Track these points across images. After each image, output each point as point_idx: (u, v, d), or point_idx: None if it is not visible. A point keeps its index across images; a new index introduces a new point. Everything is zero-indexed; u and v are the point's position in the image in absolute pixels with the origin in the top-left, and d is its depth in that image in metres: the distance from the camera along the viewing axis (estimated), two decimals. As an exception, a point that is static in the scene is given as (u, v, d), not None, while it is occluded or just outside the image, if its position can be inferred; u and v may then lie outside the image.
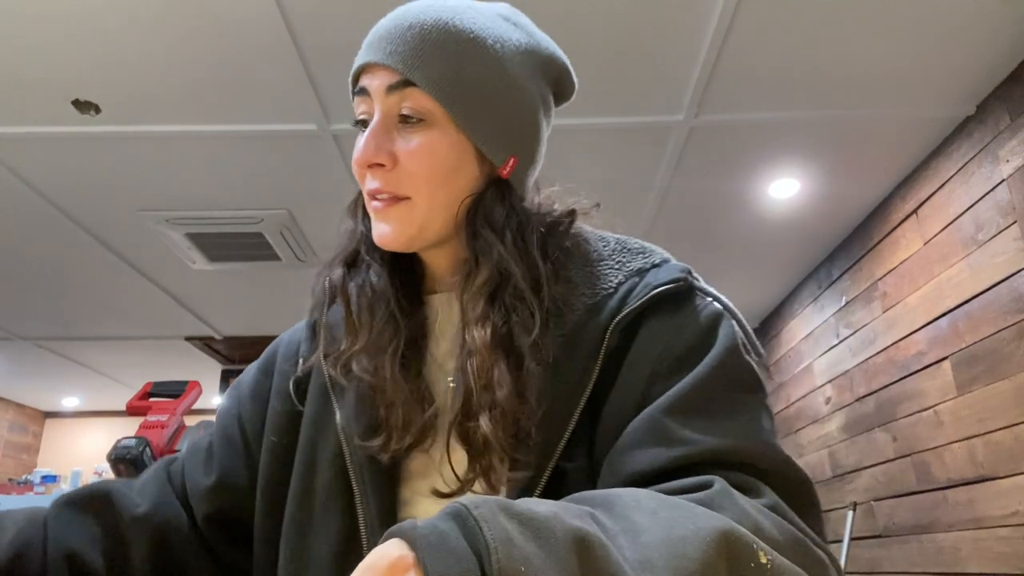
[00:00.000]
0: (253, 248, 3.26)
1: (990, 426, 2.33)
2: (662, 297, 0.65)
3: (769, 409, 0.64)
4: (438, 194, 0.67)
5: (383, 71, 0.67)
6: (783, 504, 0.54)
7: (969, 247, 2.44)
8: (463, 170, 0.68)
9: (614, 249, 0.72)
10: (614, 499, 0.47)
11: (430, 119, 0.66)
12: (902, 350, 2.88)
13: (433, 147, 0.66)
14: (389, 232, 0.68)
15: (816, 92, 2.30)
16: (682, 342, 0.63)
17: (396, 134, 0.67)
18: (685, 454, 0.56)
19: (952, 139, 2.54)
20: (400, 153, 0.66)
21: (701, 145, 2.58)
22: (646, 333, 0.65)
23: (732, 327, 0.65)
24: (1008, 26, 2.04)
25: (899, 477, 2.90)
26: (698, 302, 0.67)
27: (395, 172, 0.67)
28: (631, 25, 2.02)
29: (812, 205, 3.02)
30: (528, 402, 0.62)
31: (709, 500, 0.49)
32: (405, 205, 0.67)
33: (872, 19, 1.99)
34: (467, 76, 0.67)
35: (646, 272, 0.68)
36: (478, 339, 0.64)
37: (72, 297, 3.87)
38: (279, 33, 1.98)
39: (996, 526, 2.31)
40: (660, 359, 0.63)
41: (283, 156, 2.59)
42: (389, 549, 0.39)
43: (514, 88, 0.69)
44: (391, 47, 0.67)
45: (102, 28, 1.96)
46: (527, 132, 0.72)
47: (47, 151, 2.51)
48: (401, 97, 0.66)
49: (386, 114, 0.67)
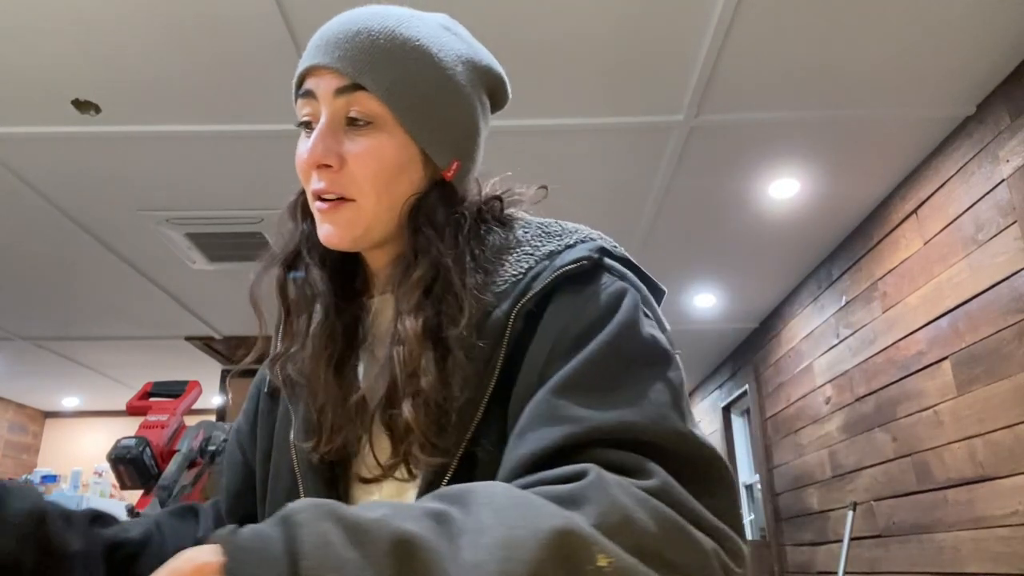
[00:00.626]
0: (253, 248, 3.26)
1: (990, 426, 2.33)
2: (568, 278, 0.65)
3: (672, 382, 0.60)
4: (383, 196, 0.69)
5: (331, 74, 0.69)
6: (673, 485, 0.51)
7: (969, 247, 2.44)
8: (408, 172, 0.70)
9: (534, 234, 0.72)
10: (470, 496, 0.46)
11: (378, 122, 0.68)
12: (902, 350, 2.88)
13: (381, 150, 0.68)
14: (335, 233, 0.69)
15: (816, 92, 2.30)
16: (581, 322, 0.62)
17: (343, 136, 0.69)
18: (571, 432, 0.54)
19: (952, 139, 2.54)
20: (348, 155, 0.68)
21: (701, 145, 2.58)
22: (549, 315, 0.64)
23: (634, 303, 0.64)
24: (1008, 26, 2.04)
25: (899, 477, 2.90)
26: (604, 280, 0.65)
27: (342, 174, 0.68)
28: (631, 25, 2.02)
29: (812, 205, 3.02)
30: (451, 390, 0.63)
31: (575, 494, 0.47)
32: (351, 207, 0.69)
33: (872, 19, 2.00)
34: (414, 82, 0.69)
35: (557, 255, 0.67)
36: (409, 328, 0.65)
37: (72, 297, 3.87)
38: (279, 33, 1.98)
39: (996, 526, 2.31)
40: (558, 340, 0.62)
41: (283, 156, 2.58)
42: (199, 554, 0.39)
43: (457, 95, 0.72)
44: (339, 51, 0.68)
45: (102, 28, 1.96)
46: (469, 137, 0.74)
47: (47, 151, 2.51)
48: (349, 101, 0.68)
49: (333, 116, 0.69)
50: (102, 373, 5.47)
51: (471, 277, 0.67)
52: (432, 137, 0.71)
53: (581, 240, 0.69)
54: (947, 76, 2.24)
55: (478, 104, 0.75)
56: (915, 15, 1.98)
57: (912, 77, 2.24)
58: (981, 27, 2.04)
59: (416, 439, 0.63)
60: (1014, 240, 2.22)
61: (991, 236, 2.33)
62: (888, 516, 2.99)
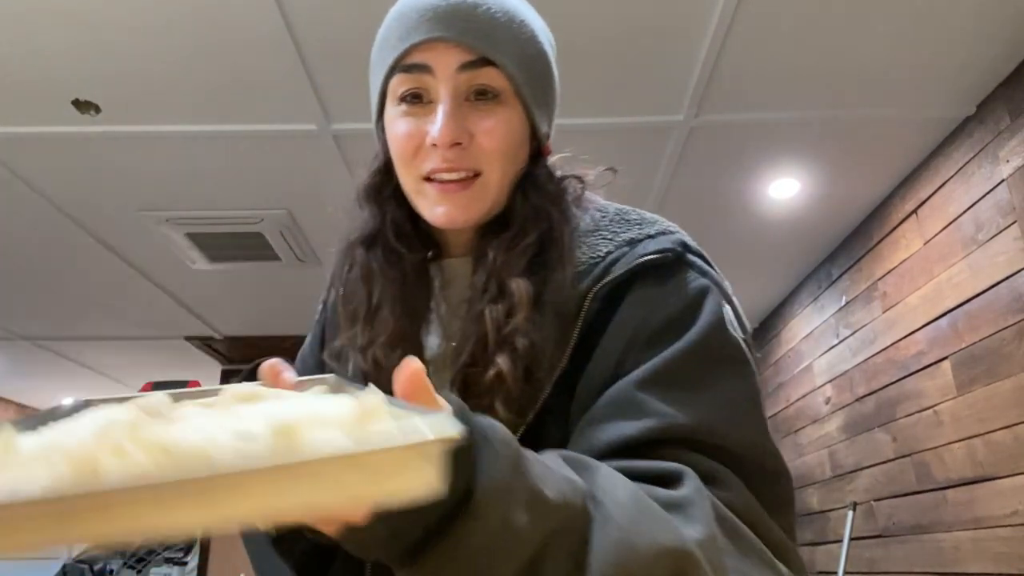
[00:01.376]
0: (253, 248, 3.26)
1: (990, 426, 2.33)
2: (647, 267, 0.64)
3: (754, 390, 0.61)
4: (508, 169, 0.69)
5: (453, 48, 0.67)
6: (752, 504, 0.52)
7: (969, 247, 2.44)
8: (523, 147, 0.72)
9: (611, 219, 0.72)
10: (596, 477, 0.47)
11: (502, 96, 0.68)
12: (902, 350, 2.88)
13: (509, 123, 0.69)
14: (460, 210, 0.68)
15: (816, 92, 2.30)
16: (662, 315, 0.61)
17: (467, 111, 0.68)
18: (653, 427, 0.54)
19: (952, 139, 2.54)
20: (476, 130, 0.67)
21: (701, 145, 2.58)
22: (627, 303, 0.63)
23: (719, 302, 0.63)
24: (1008, 26, 2.04)
25: (899, 477, 2.90)
26: (685, 276, 0.65)
27: (470, 149, 0.67)
28: (631, 25, 2.02)
29: (812, 205, 3.02)
30: (542, 354, 0.62)
31: (680, 502, 0.48)
32: (479, 182, 0.68)
33: (872, 19, 1.99)
34: (530, 58, 0.70)
35: (637, 243, 0.67)
36: (519, 290, 0.64)
37: (72, 297, 3.87)
38: (279, 33, 1.98)
39: (996, 526, 2.31)
40: (637, 330, 0.61)
41: (283, 156, 2.59)
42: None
43: (552, 72, 0.75)
44: (462, 24, 0.66)
45: (102, 28, 1.96)
46: (555, 109, 0.78)
47: (47, 151, 2.51)
48: (474, 75, 0.67)
49: (456, 91, 0.67)
50: (102, 373, 5.47)
51: (571, 250, 0.68)
52: (542, 112, 0.73)
53: (661, 231, 0.69)
54: (947, 76, 2.24)
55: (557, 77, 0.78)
56: (915, 15, 1.98)
57: (912, 77, 2.24)
58: (981, 27, 2.04)
59: (502, 393, 0.62)
60: (1014, 240, 2.22)
61: (991, 236, 2.33)
62: (888, 516, 2.99)
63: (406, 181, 0.71)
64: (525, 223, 0.69)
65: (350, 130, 2.42)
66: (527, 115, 0.71)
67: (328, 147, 2.52)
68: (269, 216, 2.99)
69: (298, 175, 2.71)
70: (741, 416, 0.57)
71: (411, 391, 0.39)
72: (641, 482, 0.49)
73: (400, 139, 0.69)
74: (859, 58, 2.15)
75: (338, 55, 2.07)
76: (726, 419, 0.56)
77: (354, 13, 1.90)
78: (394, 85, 0.71)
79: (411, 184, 0.71)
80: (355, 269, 0.74)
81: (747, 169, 2.75)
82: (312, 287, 3.97)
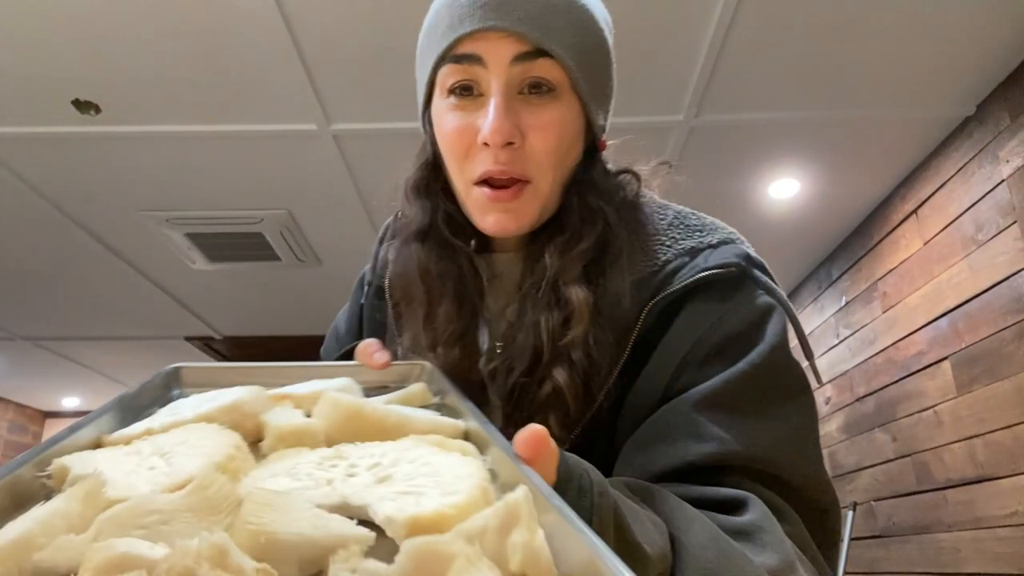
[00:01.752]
0: (253, 248, 3.26)
1: (990, 426, 2.33)
2: (709, 281, 0.60)
3: (812, 420, 0.58)
4: (558, 171, 0.65)
5: (508, 39, 0.61)
6: (805, 536, 0.51)
7: (969, 247, 2.44)
8: (577, 143, 0.67)
9: (671, 223, 0.67)
10: (673, 512, 0.46)
11: (558, 90, 0.63)
12: (902, 350, 2.88)
13: (563, 121, 0.63)
14: (511, 221, 0.64)
15: (816, 92, 2.30)
16: (721, 332, 0.58)
17: (518, 107, 0.62)
18: (715, 452, 0.52)
19: (952, 139, 2.54)
20: (529, 128, 0.62)
21: (701, 145, 2.58)
22: (684, 318, 0.60)
23: (783, 324, 0.60)
24: (1008, 26, 2.04)
25: (899, 477, 2.90)
26: (749, 292, 0.61)
27: (522, 150, 0.62)
28: (631, 25, 2.02)
29: (812, 205, 3.02)
30: (598, 366, 0.59)
31: (749, 529, 0.47)
32: (529, 190, 0.63)
33: (872, 20, 1.99)
34: (589, 48, 0.65)
35: (698, 252, 0.63)
36: (581, 297, 0.60)
37: (72, 297, 3.87)
38: (279, 33, 1.98)
39: (996, 526, 2.31)
40: (694, 347, 0.58)
41: (283, 156, 2.59)
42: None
43: (611, 62, 0.70)
44: (518, 13, 0.60)
45: (102, 28, 1.96)
46: (612, 100, 0.72)
47: (47, 151, 2.51)
48: (528, 68, 0.62)
49: (510, 86, 0.62)
50: (102, 373, 5.47)
51: (628, 256, 0.63)
52: (599, 106, 0.68)
53: (723, 240, 0.65)
54: (947, 76, 2.24)
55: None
56: (915, 15, 1.98)
57: (912, 77, 2.24)
58: (981, 27, 2.03)
59: (559, 410, 0.59)
60: (1014, 240, 2.22)
61: (991, 236, 2.33)
62: (888, 516, 2.99)
63: (457, 181, 0.67)
64: (581, 225, 0.65)
65: (350, 130, 2.42)
66: (583, 109, 0.66)
67: (328, 147, 2.52)
68: (269, 216, 2.99)
69: (298, 175, 2.71)
70: (800, 448, 0.55)
71: (535, 457, 0.39)
72: (705, 508, 0.48)
73: (450, 135, 0.65)
74: (859, 58, 2.15)
75: (338, 55, 2.07)
76: (785, 450, 0.54)
77: (354, 13, 1.90)
78: (443, 76, 0.65)
79: (461, 186, 0.67)
80: (411, 265, 0.70)
81: (747, 169, 2.75)
82: (312, 287, 3.98)
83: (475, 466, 0.40)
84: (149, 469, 0.39)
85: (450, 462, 0.41)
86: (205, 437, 0.45)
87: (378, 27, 1.97)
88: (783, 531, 0.49)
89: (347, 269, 3.35)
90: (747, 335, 0.58)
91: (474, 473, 0.39)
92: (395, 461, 0.42)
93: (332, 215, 2.95)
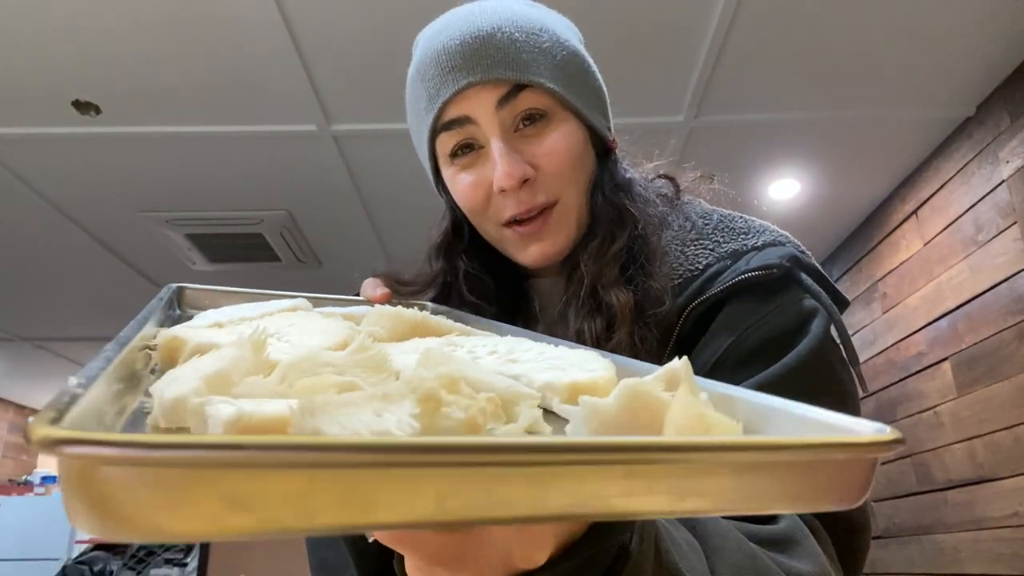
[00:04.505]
0: (253, 249, 3.26)
1: (990, 427, 2.33)
2: (749, 283, 0.58)
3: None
4: (580, 183, 0.66)
5: (485, 89, 0.63)
6: (832, 553, 0.49)
7: (969, 248, 2.44)
8: (588, 153, 0.68)
9: (715, 227, 0.67)
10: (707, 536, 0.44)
11: (550, 114, 0.65)
12: (902, 351, 2.88)
13: (567, 138, 0.65)
14: (550, 245, 0.65)
15: (816, 92, 2.30)
16: (759, 335, 0.56)
17: (519, 144, 0.64)
18: None
19: (952, 140, 2.54)
20: (537, 157, 0.64)
21: (701, 146, 2.58)
22: (722, 319, 0.58)
23: (825, 328, 0.57)
24: (1008, 26, 2.04)
25: (899, 478, 2.90)
26: (792, 295, 0.58)
27: (538, 181, 0.64)
28: (631, 25, 2.02)
29: (812, 205, 3.02)
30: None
31: (784, 539, 0.45)
32: (558, 209, 0.65)
33: (872, 20, 1.99)
34: (563, 63, 0.66)
35: (741, 255, 0.62)
36: (621, 300, 0.60)
37: (72, 297, 3.87)
38: (279, 33, 1.98)
39: (996, 527, 2.31)
40: (729, 349, 0.56)
41: (283, 156, 2.59)
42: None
43: (589, 65, 0.70)
44: (486, 61, 0.62)
45: (102, 28, 1.96)
46: (606, 98, 0.73)
47: (47, 151, 2.51)
48: (515, 105, 0.64)
49: (503, 128, 0.64)
50: (102, 373, 5.47)
51: (664, 255, 0.63)
52: (594, 111, 0.69)
53: (770, 243, 0.63)
54: (947, 76, 2.24)
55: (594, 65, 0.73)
56: (915, 15, 1.98)
57: (912, 77, 2.24)
58: (981, 27, 2.03)
59: None
60: (1014, 241, 2.22)
61: (991, 237, 2.33)
62: (888, 516, 2.99)
63: (487, 232, 0.69)
64: (611, 226, 0.65)
65: (350, 130, 2.42)
66: (580, 120, 0.67)
67: (328, 147, 2.52)
68: (269, 216, 2.98)
69: (298, 175, 2.71)
70: None
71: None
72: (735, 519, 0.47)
73: (466, 194, 0.66)
74: (859, 58, 2.15)
75: (338, 55, 2.07)
76: None
77: (354, 13, 1.90)
78: (441, 146, 0.67)
79: (493, 234, 0.68)
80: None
81: (747, 169, 2.75)
82: (312, 288, 3.96)
83: (593, 354, 0.41)
84: (269, 344, 0.39)
85: (569, 351, 0.42)
86: (313, 321, 0.46)
87: (378, 27, 1.97)
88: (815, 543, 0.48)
89: (347, 269, 3.36)
90: (785, 338, 0.56)
91: (598, 358, 0.40)
92: (511, 349, 0.43)
93: (332, 215, 2.95)
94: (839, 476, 0.26)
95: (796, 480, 0.26)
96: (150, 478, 0.19)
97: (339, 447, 0.20)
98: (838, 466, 0.26)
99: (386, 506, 0.21)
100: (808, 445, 0.25)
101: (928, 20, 2.00)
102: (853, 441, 0.26)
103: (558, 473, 0.22)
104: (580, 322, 0.62)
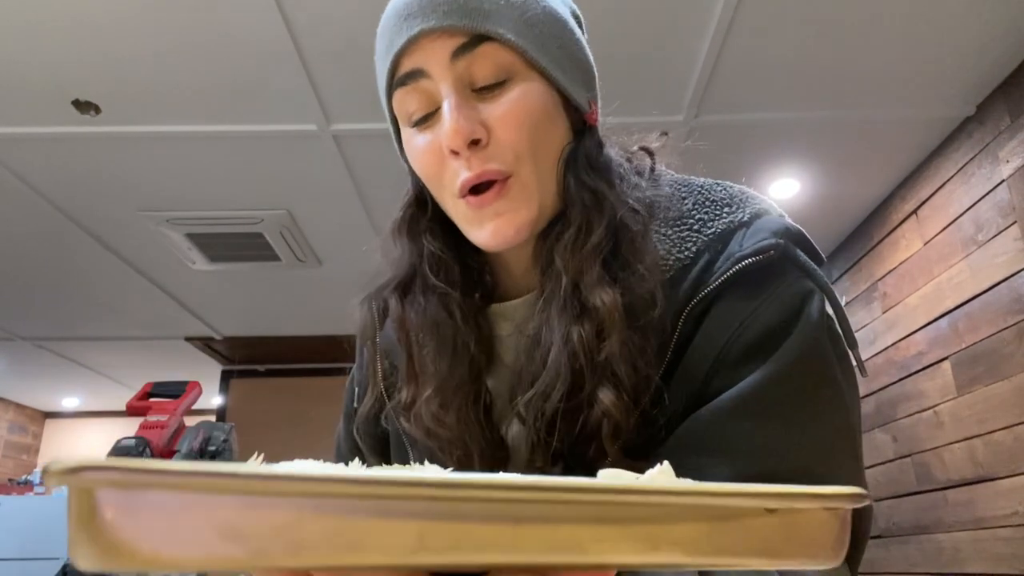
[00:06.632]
0: (253, 248, 3.26)
1: (990, 426, 2.33)
2: (745, 271, 0.54)
3: (854, 419, 0.54)
4: (540, 156, 0.58)
5: (440, 38, 0.56)
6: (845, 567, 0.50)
7: (969, 247, 2.44)
8: (555, 121, 0.60)
9: (696, 202, 0.61)
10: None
11: (512, 74, 0.57)
12: (902, 350, 2.88)
13: (527, 102, 0.57)
14: (508, 224, 0.57)
15: (816, 92, 2.30)
16: (758, 327, 0.53)
17: (476, 104, 0.57)
18: (751, 471, 0.49)
19: (952, 139, 2.54)
20: (492, 122, 0.56)
21: (701, 146, 2.57)
22: (717, 313, 0.54)
23: (820, 309, 0.54)
24: (1008, 26, 2.04)
25: (899, 477, 2.90)
26: (786, 278, 0.55)
27: (491, 147, 0.56)
28: (631, 25, 2.02)
29: (812, 205, 3.02)
30: (650, 379, 0.53)
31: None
32: (514, 183, 0.57)
33: (872, 19, 1.99)
34: (536, 19, 0.59)
35: (730, 236, 0.57)
36: (608, 300, 0.54)
37: (72, 297, 3.87)
38: (279, 33, 1.98)
39: (996, 526, 2.31)
40: (728, 345, 0.53)
41: (283, 156, 2.59)
42: None
43: (569, 29, 0.63)
44: (443, 8, 0.56)
45: (102, 28, 1.96)
46: (592, 75, 0.66)
47: (47, 151, 2.51)
48: (471, 60, 0.56)
49: (458, 83, 0.57)
50: (102, 373, 5.47)
51: (654, 249, 0.57)
52: (571, 76, 0.61)
53: (755, 214, 0.59)
54: (947, 76, 2.24)
55: (585, 41, 0.66)
56: (915, 15, 1.98)
57: (912, 77, 2.24)
58: (981, 27, 2.03)
59: (615, 435, 0.53)
60: (1014, 241, 2.22)
61: (991, 236, 2.33)
62: (888, 516, 2.99)
63: (447, 207, 0.62)
64: (586, 212, 0.58)
65: (350, 130, 2.42)
66: (551, 84, 0.59)
67: (328, 147, 2.52)
68: (269, 216, 2.98)
69: (298, 175, 2.71)
70: (840, 455, 0.52)
71: None
72: None
73: (420, 157, 0.60)
74: (859, 58, 2.15)
75: (338, 55, 2.07)
76: (825, 459, 0.51)
77: (354, 13, 1.90)
78: (398, 104, 0.61)
79: (450, 207, 0.61)
80: (390, 318, 0.64)
81: (747, 169, 2.75)
82: (312, 287, 3.97)
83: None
84: None
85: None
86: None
87: (378, 27, 1.96)
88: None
89: (347, 269, 3.35)
90: (781, 328, 0.53)
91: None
92: None
93: (332, 215, 2.95)
94: (811, 529, 0.28)
95: (770, 532, 0.27)
96: (150, 504, 0.20)
97: (326, 479, 0.22)
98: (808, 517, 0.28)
99: (371, 544, 0.22)
100: (775, 494, 0.27)
101: (928, 20, 2.00)
102: (820, 492, 0.27)
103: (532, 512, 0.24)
104: (566, 327, 0.55)
